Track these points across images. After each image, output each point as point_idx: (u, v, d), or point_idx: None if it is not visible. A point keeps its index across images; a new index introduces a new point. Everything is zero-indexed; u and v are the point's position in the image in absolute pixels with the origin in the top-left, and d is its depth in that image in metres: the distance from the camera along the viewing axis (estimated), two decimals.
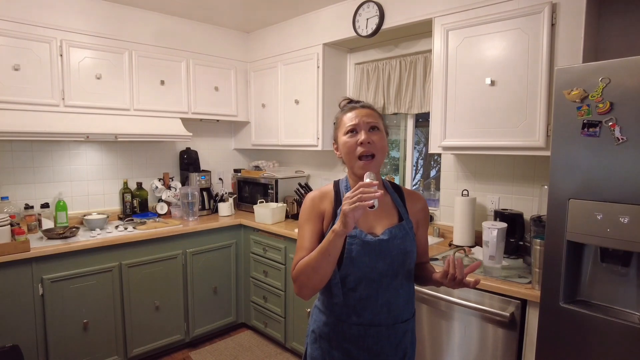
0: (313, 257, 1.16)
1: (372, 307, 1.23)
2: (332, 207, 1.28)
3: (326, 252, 1.13)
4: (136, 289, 2.73)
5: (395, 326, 1.26)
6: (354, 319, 1.24)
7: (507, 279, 1.86)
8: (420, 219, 1.36)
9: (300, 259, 1.23)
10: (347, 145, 1.24)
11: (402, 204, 1.34)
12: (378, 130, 1.25)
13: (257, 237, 3.14)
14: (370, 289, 1.23)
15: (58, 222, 2.81)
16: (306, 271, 1.18)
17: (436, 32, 2.27)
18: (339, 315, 1.26)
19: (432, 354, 2.04)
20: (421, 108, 2.74)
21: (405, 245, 1.25)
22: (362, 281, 1.23)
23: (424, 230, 1.40)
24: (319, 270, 1.16)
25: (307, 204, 1.31)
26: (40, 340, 2.36)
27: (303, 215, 1.31)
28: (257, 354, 3.00)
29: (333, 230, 1.10)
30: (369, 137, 1.22)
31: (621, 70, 1.37)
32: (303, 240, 1.27)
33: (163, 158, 3.48)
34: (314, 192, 1.34)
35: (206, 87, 3.34)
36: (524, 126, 1.96)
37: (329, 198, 1.30)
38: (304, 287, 1.21)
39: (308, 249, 1.23)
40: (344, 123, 1.27)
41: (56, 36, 2.58)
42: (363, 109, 1.27)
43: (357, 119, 1.24)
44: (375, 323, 1.24)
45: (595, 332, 1.46)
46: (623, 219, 1.38)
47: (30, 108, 2.51)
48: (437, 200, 2.75)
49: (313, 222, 1.28)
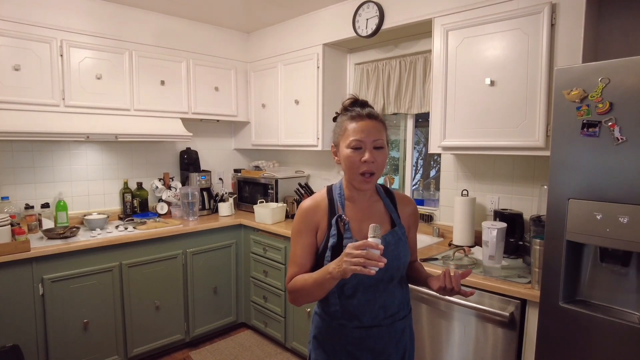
0: (308, 284, 1.19)
1: (370, 311, 1.26)
2: (326, 218, 1.28)
3: (321, 285, 1.16)
4: (136, 288, 2.73)
5: (395, 324, 1.29)
6: (355, 322, 1.26)
7: (507, 278, 1.86)
8: (411, 222, 1.39)
9: (294, 274, 1.26)
10: (349, 159, 1.22)
11: (394, 209, 1.35)
12: (382, 149, 1.23)
13: (257, 237, 3.14)
14: (367, 295, 1.25)
15: (58, 222, 2.81)
16: (301, 292, 1.22)
17: (436, 33, 2.27)
18: (340, 321, 1.27)
19: (432, 353, 2.05)
20: (421, 108, 2.75)
21: (399, 251, 1.28)
22: (359, 288, 1.25)
23: (414, 232, 1.44)
24: (312, 295, 1.21)
25: (300, 216, 1.30)
26: (41, 340, 2.37)
27: (295, 228, 1.30)
28: (257, 353, 3.00)
29: (330, 272, 1.10)
30: (374, 157, 1.21)
31: (621, 70, 1.37)
32: (296, 257, 1.28)
33: (163, 158, 3.48)
34: (307, 202, 1.31)
35: (206, 87, 3.34)
36: (524, 126, 1.97)
37: (322, 208, 1.29)
38: (297, 301, 1.27)
39: (301, 265, 1.26)
40: (348, 134, 1.23)
41: (56, 36, 2.58)
42: (370, 121, 1.22)
43: (364, 135, 1.20)
44: (375, 324, 1.26)
45: (595, 332, 1.46)
46: (623, 219, 1.38)
47: (31, 108, 2.51)
48: (437, 200, 2.75)
49: (305, 235, 1.27)
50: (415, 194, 2.94)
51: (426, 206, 2.82)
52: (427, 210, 2.77)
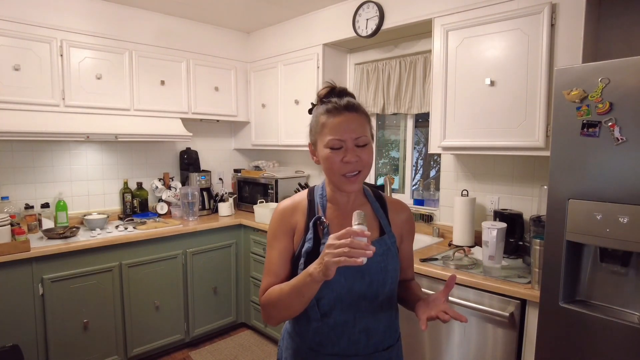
0: (285, 295, 1.02)
1: (348, 334, 1.08)
2: (304, 219, 1.13)
3: (300, 294, 0.99)
4: (136, 288, 2.73)
5: (375, 355, 1.11)
6: (329, 348, 1.09)
7: (507, 279, 1.86)
8: (404, 231, 1.21)
9: (268, 285, 1.10)
10: (329, 160, 1.06)
11: (384, 215, 1.18)
12: (366, 146, 1.07)
13: (257, 237, 3.14)
14: (346, 314, 1.08)
15: (58, 222, 2.81)
16: (277, 306, 1.05)
17: (436, 33, 2.27)
18: (311, 344, 1.11)
19: (432, 354, 2.05)
20: (421, 108, 2.75)
21: (386, 262, 1.10)
22: (337, 305, 1.07)
23: (409, 243, 1.24)
24: (290, 307, 1.03)
25: (276, 217, 1.15)
26: (40, 340, 2.37)
27: (271, 231, 1.15)
28: (257, 353, 3.00)
29: (310, 274, 0.94)
30: (356, 155, 1.04)
31: (621, 70, 1.37)
32: (271, 264, 1.12)
33: (163, 158, 3.48)
34: (285, 203, 1.17)
35: (206, 87, 3.34)
36: (524, 126, 1.97)
37: (301, 209, 1.14)
38: (272, 318, 1.08)
39: (276, 274, 1.11)
40: (326, 132, 1.06)
41: (56, 36, 2.58)
42: (349, 114, 1.05)
43: (344, 133, 1.04)
44: (351, 352, 1.09)
45: (595, 332, 1.46)
46: (622, 219, 1.38)
47: (31, 108, 2.51)
48: (437, 201, 2.75)
49: (281, 239, 1.13)
50: (415, 194, 2.94)
51: (426, 206, 2.82)
52: (427, 210, 2.77)
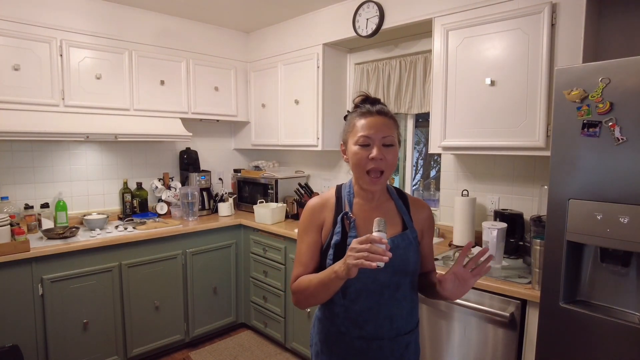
0: (313, 285, 1.16)
1: (374, 320, 1.20)
2: (332, 215, 1.25)
3: (325, 287, 1.12)
4: (136, 289, 2.73)
5: (398, 339, 1.23)
6: (356, 331, 1.21)
7: (507, 279, 1.86)
8: (425, 227, 1.32)
9: (298, 274, 1.23)
10: (357, 156, 1.18)
11: (406, 211, 1.29)
12: (392, 147, 1.18)
13: (257, 237, 3.14)
14: (371, 301, 1.20)
15: (58, 222, 2.81)
16: (305, 293, 1.19)
17: (436, 32, 2.27)
18: (340, 328, 1.23)
19: (432, 354, 2.04)
20: (421, 108, 2.74)
21: (408, 255, 1.21)
22: (363, 293, 1.20)
23: (429, 239, 1.35)
24: (317, 297, 1.17)
25: (307, 214, 1.28)
26: (40, 340, 2.36)
27: (302, 225, 1.28)
28: (257, 354, 3.00)
29: (335, 272, 1.06)
30: (382, 154, 1.16)
31: (621, 70, 1.36)
32: (301, 255, 1.25)
33: (163, 158, 3.48)
34: (315, 200, 1.30)
35: (206, 87, 3.34)
36: (524, 126, 1.96)
37: (329, 206, 1.26)
38: (301, 303, 1.23)
39: (305, 264, 1.23)
40: (357, 130, 1.19)
41: (56, 36, 2.58)
42: (380, 117, 1.18)
43: (372, 131, 1.16)
44: (378, 336, 1.21)
45: (595, 332, 1.46)
46: (623, 219, 1.38)
47: (30, 108, 2.51)
48: (437, 201, 2.75)
49: (311, 233, 1.25)
50: (415, 194, 2.94)
51: None
52: None
